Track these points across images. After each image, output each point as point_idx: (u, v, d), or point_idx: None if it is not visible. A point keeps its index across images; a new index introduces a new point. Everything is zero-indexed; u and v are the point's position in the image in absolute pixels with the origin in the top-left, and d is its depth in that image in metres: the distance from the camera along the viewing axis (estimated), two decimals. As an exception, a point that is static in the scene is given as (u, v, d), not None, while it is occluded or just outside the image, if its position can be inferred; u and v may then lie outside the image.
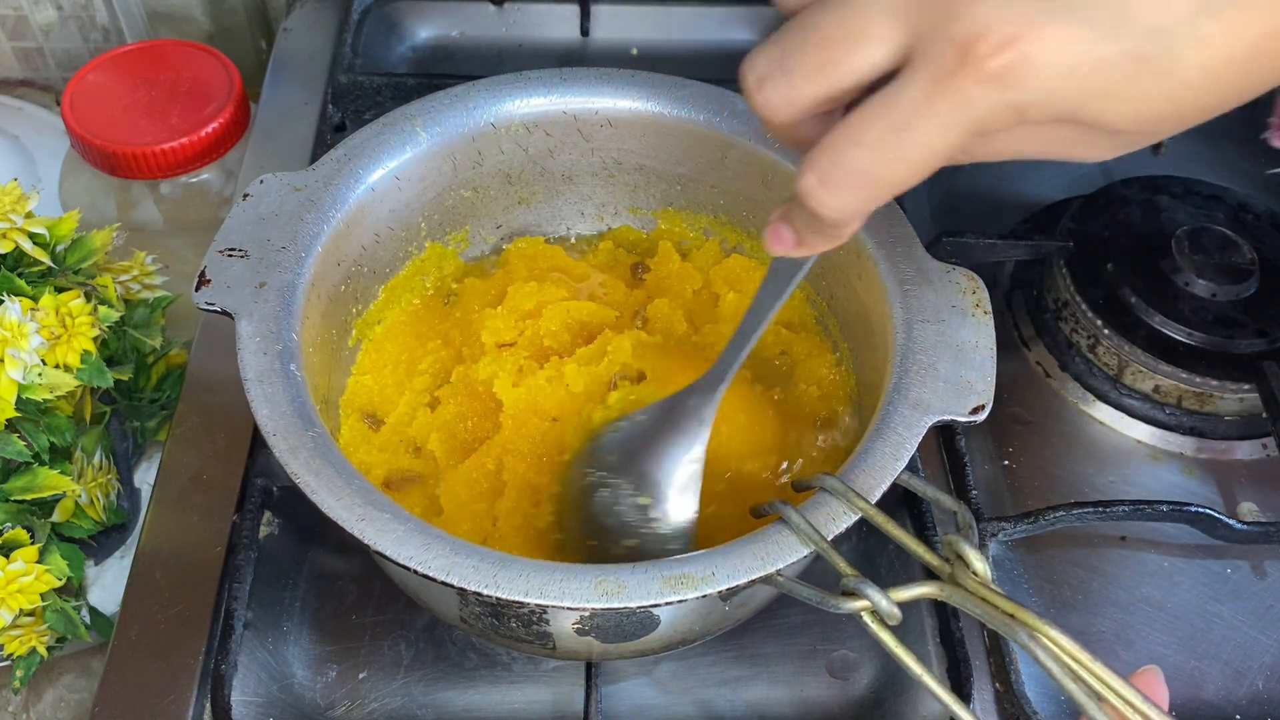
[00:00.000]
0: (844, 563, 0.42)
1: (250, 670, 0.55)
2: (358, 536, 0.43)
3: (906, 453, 0.47)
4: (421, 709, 0.55)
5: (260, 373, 0.48)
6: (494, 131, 0.61)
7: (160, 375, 0.69)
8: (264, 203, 0.55)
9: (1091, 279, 0.68)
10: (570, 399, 0.56)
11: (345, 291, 0.58)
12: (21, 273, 0.59)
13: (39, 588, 0.57)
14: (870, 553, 0.61)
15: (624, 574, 0.43)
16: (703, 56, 0.87)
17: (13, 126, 0.86)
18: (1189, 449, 0.66)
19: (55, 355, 0.57)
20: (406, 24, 0.87)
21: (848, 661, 0.57)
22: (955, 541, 0.40)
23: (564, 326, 0.59)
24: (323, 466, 0.45)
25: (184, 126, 0.71)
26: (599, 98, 0.61)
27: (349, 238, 0.57)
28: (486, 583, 0.42)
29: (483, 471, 0.55)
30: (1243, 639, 0.59)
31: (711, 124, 0.60)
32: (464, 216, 0.64)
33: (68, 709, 0.65)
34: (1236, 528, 0.60)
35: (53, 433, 0.59)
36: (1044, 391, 0.69)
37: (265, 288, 0.51)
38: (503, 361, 0.57)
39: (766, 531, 0.44)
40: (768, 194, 0.61)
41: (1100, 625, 0.59)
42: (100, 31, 0.90)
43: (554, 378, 0.57)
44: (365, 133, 0.58)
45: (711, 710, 0.56)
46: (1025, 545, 0.62)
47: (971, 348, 0.51)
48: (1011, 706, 0.54)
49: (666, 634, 0.50)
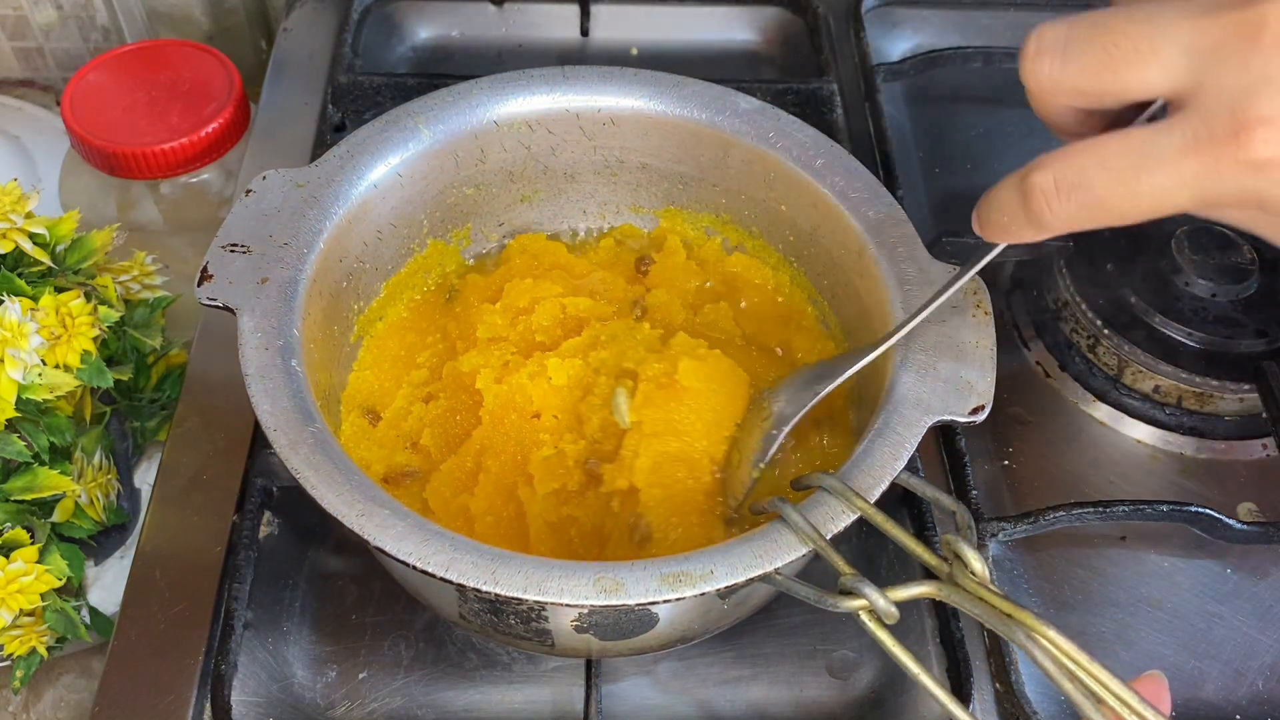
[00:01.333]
0: (842, 561, 0.42)
1: (250, 670, 0.55)
2: (357, 532, 0.43)
3: (906, 452, 0.47)
4: (421, 709, 0.55)
5: (261, 368, 0.48)
6: (497, 129, 0.61)
7: (160, 375, 0.69)
8: (266, 199, 0.55)
9: (1091, 279, 0.68)
10: (554, 393, 0.56)
11: (347, 288, 0.58)
12: (21, 273, 0.59)
13: (39, 588, 0.57)
14: (870, 553, 0.61)
15: (622, 571, 0.43)
16: (703, 56, 0.87)
17: (13, 126, 0.86)
18: (1189, 449, 0.66)
19: (55, 355, 0.57)
20: (406, 24, 0.87)
21: (848, 661, 0.57)
22: (954, 541, 0.40)
23: (556, 322, 0.59)
24: (323, 462, 0.45)
25: (184, 126, 0.71)
26: (602, 96, 0.61)
27: (351, 234, 0.57)
28: (485, 579, 0.42)
29: (463, 469, 0.55)
30: (1243, 639, 0.59)
31: (714, 123, 0.60)
32: (466, 214, 0.64)
33: (68, 709, 0.65)
34: (1236, 528, 0.60)
35: (53, 433, 0.59)
36: (1044, 391, 0.69)
37: (267, 283, 0.51)
38: (488, 355, 0.57)
39: (765, 530, 0.44)
40: (769, 193, 0.61)
41: (1100, 625, 0.59)
42: (100, 31, 0.90)
43: (537, 373, 0.56)
44: (368, 130, 0.58)
45: (711, 710, 0.56)
46: (1025, 545, 0.62)
47: (972, 348, 0.51)
48: (1011, 707, 0.54)
49: (665, 632, 0.50)
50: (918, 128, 0.83)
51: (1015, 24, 0.89)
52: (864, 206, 0.57)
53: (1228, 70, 0.34)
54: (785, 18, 0.88)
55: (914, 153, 0.80)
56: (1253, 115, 0.34)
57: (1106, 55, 0.37)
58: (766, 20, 0.88)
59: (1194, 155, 0.35)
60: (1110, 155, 0.37)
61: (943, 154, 0.81)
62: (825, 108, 0.77)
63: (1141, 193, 0.36)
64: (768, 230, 0.63)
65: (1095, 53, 0.37)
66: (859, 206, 0.57)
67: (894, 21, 0.89)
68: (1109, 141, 0.37)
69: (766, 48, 0.89)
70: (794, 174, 0.59)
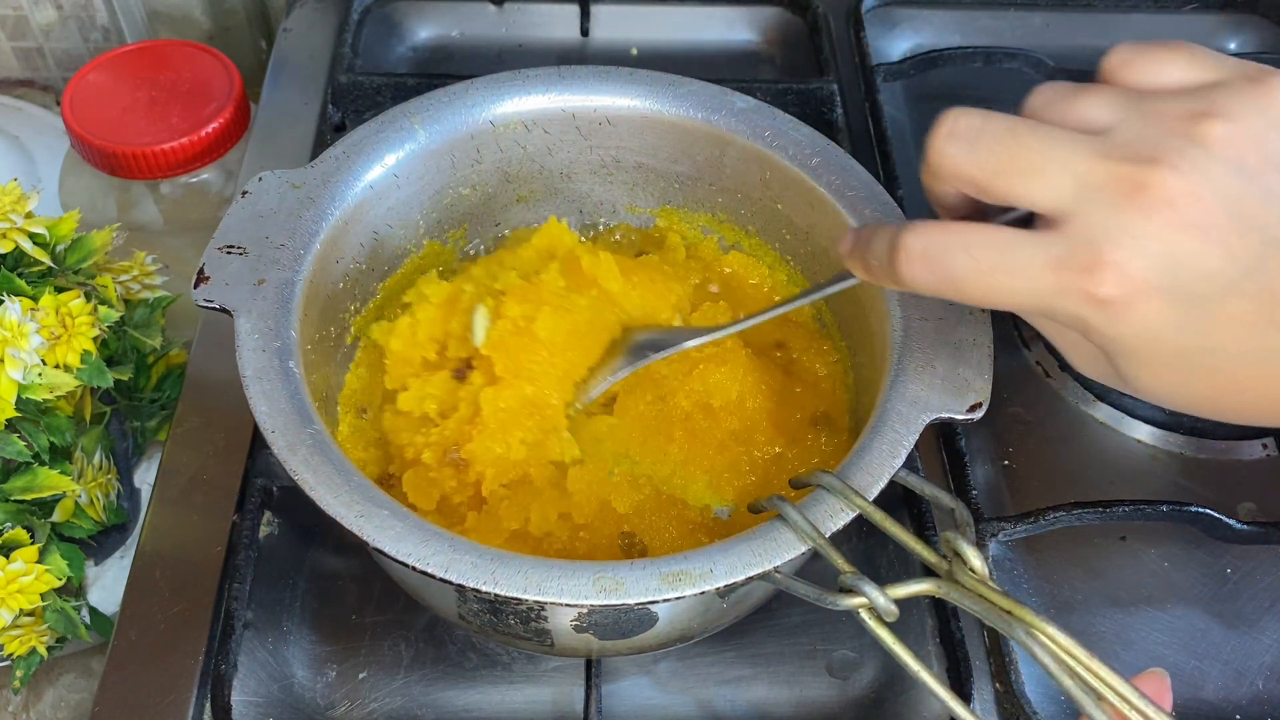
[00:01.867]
0: (842, 559, 0.42)
1: (250, 670, 0.55)
2: (356, 533, 0.43)
3: (904, 450, 0.47)
4: (421, 709, 0.55)
5: (259, 370, 0.48)
6: (493, 129, 0.61)
7: (160, 375, 0.69)
8: (263, 200, 0.55)
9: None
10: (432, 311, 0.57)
11: (344, 289, 0.58)
12: (21, 273, 0.59)
13: (39, 588, 0.57)
14: (871, 552, 0.61)
15: (622, 570, 0.43)
16: (703, 56, 0.87)
17: (13, 126, 0.86)
18: (1189, 449, 0.66)
19: (55, 355, 0.57)
20: (406, 24, 0.87)
21: (848, 661, 0.57)
22: (953, 539, 0.40)
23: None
24: (321, 463, 0.45)
25: (184, 126, 0.71)
26: (598, 96, 0.61)
27: (347, 235, 0.57)
28: (484, 579, 0.42)
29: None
30: (1243, 639, 0.59)
31: (710, 122, 0.60)
32: (462, 215, 0.64)
33: (68, 709, 0.65)
34: (1236, 528, 0.60)
35: (53, 433, 0.59)
36: (1044, 391, 0.69)
37: (264, 285, 0.51)
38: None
39: (764, 528, 0.44)
40: (765, 192, 0.61)
41: (1100, 625, 0.59)
42: (100, 31, 0.90)
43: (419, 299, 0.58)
44: (364, 130, 0.58)
45: (711, 710, 0.56)
46: (1025, 545, 0.62)
47: (969, 346, 0.51)
48: (1011, 707, 0.54)
49: (665, 631, 0.50)
50: (918, 128, 0.82)
51: (1015, 24, 0.89)
52: (861, 205, 0.57)
53: (1103, 211, 0.38)
54: (785, 18, 0.88)
55: (914, 153, 0.80)
56: (1109, 258, 0.38)
57: (1008, 161, 0.40)
58: (766, 20, 0.88)
59: (1052, 273, 0.39)
60: (978, 245, 0.40)
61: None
62: (825, 107, 0.77)
63: (995, 286, 0.40)
64: (764, 229, 0.63)
65: (998, 155, 0.40)
66: (855, 205, 0.57)
67: (894, 21, 0.89)
68: (981, 232, 0.41)
69: (766, 48, 0.89)
70: (790, 173, 0.59)
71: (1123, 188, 0.38)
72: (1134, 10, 0.89)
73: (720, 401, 0.56)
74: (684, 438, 0.56)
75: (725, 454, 0.56)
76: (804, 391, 0.59)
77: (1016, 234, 0.40)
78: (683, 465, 0.56)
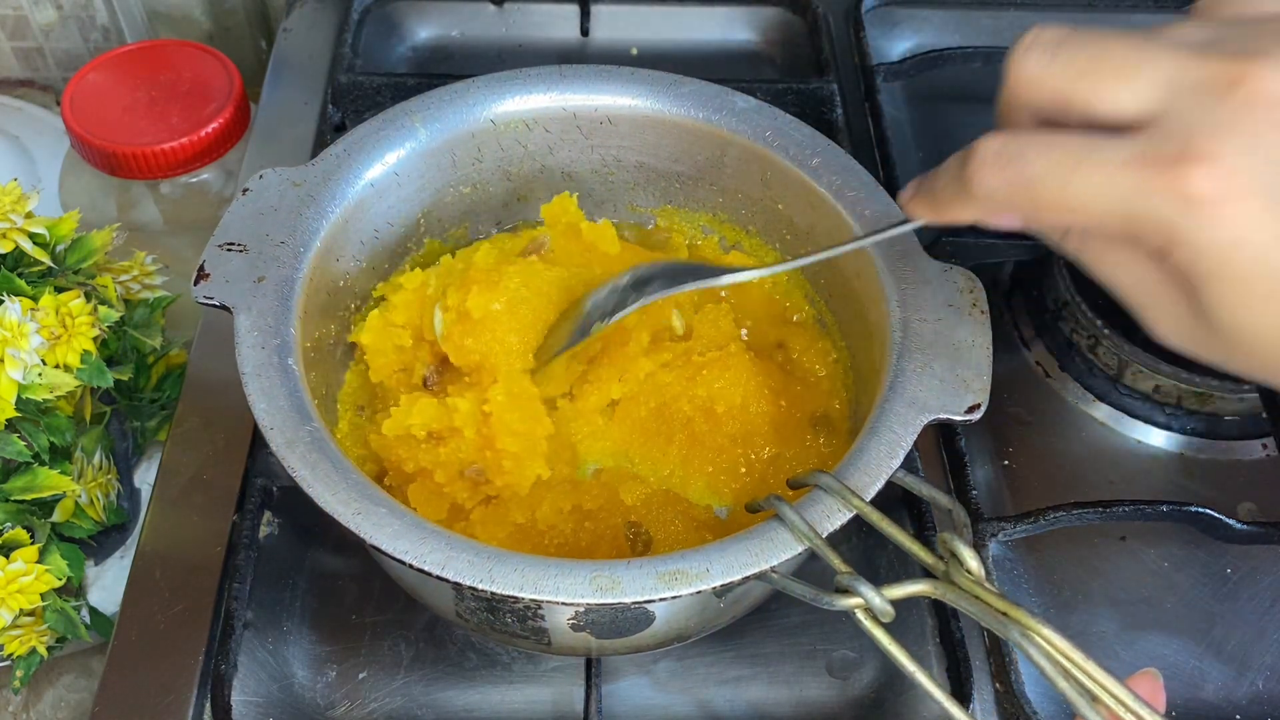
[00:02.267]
0: (838, 559, 0.42)
1: (250, 670, 0.56)
2: (353, 531, 0.43)
3: (902, 451, 0.47)
4: (421, 709, 0.55)
5: (258, 367, 0.48)
6: (493, 128, 0.61)
7: (160, 375, 0.69)
8: (263, 198, 0.55)
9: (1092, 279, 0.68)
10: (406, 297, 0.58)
11: (344, 287, 0.58)
12: (21, 273, 0.60)
13: (39, 588, 0.57)
14: (870, 552, 0.61)
15: (619, 569, 0.43)
16: (703, 56, 0.87)
17: (13, 126, 0.86)
18: (1189, 449, 0.66)
19: (55, 355, 0.58)
20: (406, 24, 0.87)
21: (848, 661, 0.57)
22: (950, 539, 0.40)
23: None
24: (319, 461, 0.45)
25: (184, 126, 0.71)
26: (599, 95, 0.61)
27: (347, 233, 0.57)
28: (482, 577, 0.42)
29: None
30: (1243, 639, 0.59)
31: (711, 122, 0.60)
32: (463, 213, 0.64)
33: (68, 709, 0.65)
34: (1236, 528, 0.60)
35: (53, 433, 0.59)
36: (1044, 391, 0.69)
37: (264, 283, 0.51)
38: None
39: (761, 528, 0.44)
40: (766, 192, 0.61)
41: (1100, 625, 0.59)
42: (100, 31, 0.90)
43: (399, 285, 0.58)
44: (364, 129, 0.58)
45: (711, 710, 0.56)
46: (1025, 545, 0.62)
47: (968, 347, 0.51)
48: (1011, 707, 0.54)
49: (662, 630, 0.50)
50: (918, 128, 0.82)
51: (1015, 24, 0.89)
52: (861, 205, 0.57)
53: (1195, 107, 0.35)
54: (785, 18, 0.88)
55: (914, 153, 0.80)
56: (1202, 150, 0.34)
57: (1092, 64, 0.37)
58: (766, 20, 0.88)
59: (1135, 168, 0.35)
60: (1057, 143, 0.37)
61: (943, 154, 0.79)
62: (825, 107, 0.77)
63: (1072, 187, 0.37)
64: (765, 229, 0.63)
65: (1083, 59, 0.37)
66: (856, 205, 0.57)
67: (894, 21, 0.89)
68: (1060, 133, 0.38)
69: (766, 48, 0.89)
70: (791, 172, 0.59)
71: (1219, 82, 0.35)
72: (1134, 10, 0.89)
73: (724, 407, 0.56)
74: (685, 440, 0.56)
75: (724, 455, 0.56)
76: (804, 392, 0.59)
77: (1100, 135, 0.37)
78: (681, 466, 0.56)
